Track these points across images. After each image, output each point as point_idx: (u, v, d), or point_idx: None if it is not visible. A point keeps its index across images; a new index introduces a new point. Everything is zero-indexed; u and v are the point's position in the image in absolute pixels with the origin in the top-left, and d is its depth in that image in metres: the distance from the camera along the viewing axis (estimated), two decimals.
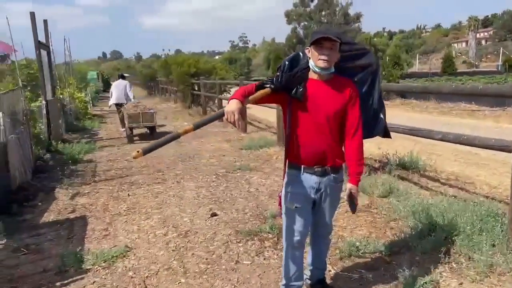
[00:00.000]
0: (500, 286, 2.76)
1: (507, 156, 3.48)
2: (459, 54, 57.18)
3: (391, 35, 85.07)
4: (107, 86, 28.32)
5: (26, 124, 6.53)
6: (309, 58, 2.31)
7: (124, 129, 10.37)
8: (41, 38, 9.50)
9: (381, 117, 2.57)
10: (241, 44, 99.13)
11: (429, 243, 3.28)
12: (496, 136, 4.08)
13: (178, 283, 3.07)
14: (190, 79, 16.32)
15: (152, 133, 10.20)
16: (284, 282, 2.60)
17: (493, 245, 3.13)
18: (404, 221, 3.82)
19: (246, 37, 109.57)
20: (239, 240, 3.73)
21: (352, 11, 55.90)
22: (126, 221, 4.38)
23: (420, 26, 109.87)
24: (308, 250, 2.76)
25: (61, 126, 10.26)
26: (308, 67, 2.32)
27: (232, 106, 2.14)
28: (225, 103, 2.02)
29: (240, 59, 49.05)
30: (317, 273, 2.78)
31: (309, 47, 2.28)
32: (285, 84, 2.28)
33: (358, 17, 56.61)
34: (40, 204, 5.05)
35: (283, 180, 2.52)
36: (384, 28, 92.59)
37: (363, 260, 3.24)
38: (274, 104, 3.04)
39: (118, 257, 3.48)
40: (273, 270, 3.17)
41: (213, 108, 14.65)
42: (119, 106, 11.12)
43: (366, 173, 5.34)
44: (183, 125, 12.07)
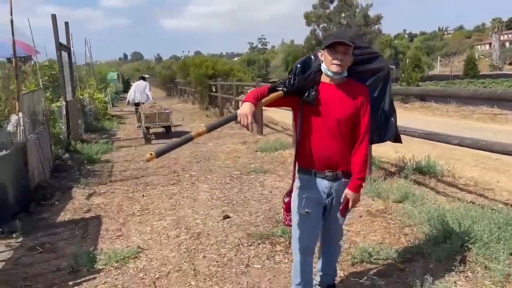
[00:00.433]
0: None
1: None
2: (482, 57, 56.06)
3: (412, 37, 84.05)
4: (127, 87, 28.67)
5: (45, 124, 6.65)
6: (322, 62, 2.28)
7: (139, 125, 11.06)
8: (63, 40, 9.72)
9: (392, 122, 2.52)
10: (260, 46, 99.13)
11: (444, 250, 3.20)
12: None
13: (188, 285, 3.07)
14: (207, 81, 16.41)
15: (168, 132, 10.62)
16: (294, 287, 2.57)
17: (511, 254, 3.04)
18: (419, 228, 3.74)
19: (265, 38, 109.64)
20: (250, 243, 3.72)
21: (372, 13, 55.33)
22: (139, 221, 4.42)
23: (442, 27, 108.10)
24: (318, 255, 2.72)
25: (81, 126, 10.44)
26: (321, 70, 2.29)
27: (245, 109, 2.12)
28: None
29: (259, 60, 49.09)
30: (327, 279, 2.74)
31: (322, 51, 2.25)
32: (298, 87, 2.25)
33: (378, 18, 56.06)
34: (57, 203, 5.14)
35: (291, 184, 2.49)
36: (405, 30, 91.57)
37: (375, 266, 3.18)
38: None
39: (130, 258, 3.51)
40: (283, 274, 3.14)
41: (230, 110, 14.67)
42: (138, 105, 11.94)
43: (382, 178, 5.27)
44: (200, 126, 12.15)
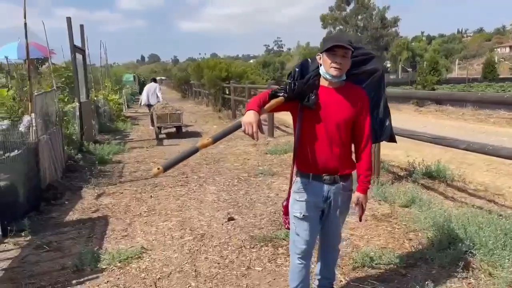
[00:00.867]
0: None
1: None
2: (502, 60, 55.01)
3: (430, 39, 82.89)
4: (143, 89, 29.00)
5: (58, 125, 6.76)
6: (320, 65, 2.27)
7: (153, 127, 11.45)
8: (78, 42, 9.90)
9: (388, 123, 2.50)
10: (276, 48, 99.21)
11: (448, 256, 3.16)
12: None
13: (188, 286, 3.09)
14: (221, 83, 16.48)
15: (179, 132, 11.19)
16: None
17: None
18: (424, 233, 3.69)
19: (281, 41, 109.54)
20: (253, 245, 3.72)
21: (389, 15, 54.88)
22: (145, 222, 4.46)
23: (461, 30, 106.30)
24: (317, 259, 2.71)
25: (94, 127, 10.60)
26: (319, 74, 2.28)
27: (249, 117, 2.08)
28: None
29: (274, 63, 49.06)
30: (326, 283, 2.72)
31: (321, 54, 2.24)
32: (298, 92, 2.24)
33: (395, 21, 55.62)
34: (66, 202, 5.23)
35: (289, 188, 2.49)
36: (423, 32, 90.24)
37: (376, 271, 3.15)
38: None
39: (133, 258, 3.54)
40: (283, 277, 3.13)
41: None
42: (151, 106, 12.48)
43: (390, 182, 5.21)
44: (211, 128, 12.22)
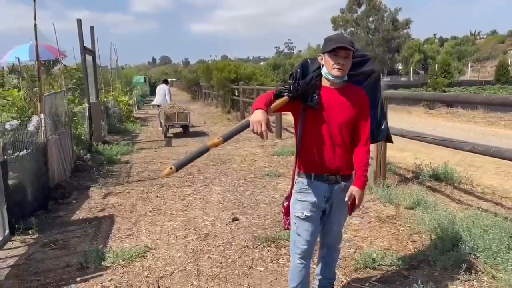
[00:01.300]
0: None
1: None
2: None
3: (442, 41, 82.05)
4: (153, 90, 29.23)
5: (68, 125, 6.85)
6: (322, 66, 2.28)
7: (161, 128, 11.71)
8: (88, 44, 10.03)
9: (384, 124, 2.51)
10: (286, 51, 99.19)
11: (451, 258, 3.13)
12: None
13: (190, 285, 3.11)
14: (230, 84, 16.55)
15: (186, 132, 11.42)
16: None
17: None
18: (428, 235, 3.66)
19: (291, 43, 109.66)
20: (256, 245, 3.73)
21: (401, 17, 54.53)
22: (150, 221, 4.50)
23: (474, 32, 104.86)
24: (317, 259, 2.71)
25: (104, 128, 10.71)
26: (321, 74, 2.29)
27: (258, 116, 2.08)
28: None
29: (284, 65, 49.02)
30: (326, 283, 2.73)
31: (322, 55, 2.25)
32: (301, 92, 2.26)
33: (407, 23, 55.22)
34: (74, 202, 5.29)
35: (291, 188, 2.50)
36: (435, 34, 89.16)
37: (378, 272, 3.14)
38: None
39: (137, 257, 3.58)
40: (285, 277, 3.13)
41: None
42: (159, 106, 12.73)
43: (395, 184, 5.18)
44: (220, 129, 12.26)
